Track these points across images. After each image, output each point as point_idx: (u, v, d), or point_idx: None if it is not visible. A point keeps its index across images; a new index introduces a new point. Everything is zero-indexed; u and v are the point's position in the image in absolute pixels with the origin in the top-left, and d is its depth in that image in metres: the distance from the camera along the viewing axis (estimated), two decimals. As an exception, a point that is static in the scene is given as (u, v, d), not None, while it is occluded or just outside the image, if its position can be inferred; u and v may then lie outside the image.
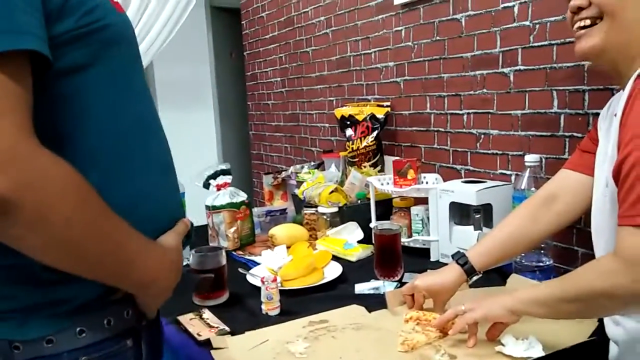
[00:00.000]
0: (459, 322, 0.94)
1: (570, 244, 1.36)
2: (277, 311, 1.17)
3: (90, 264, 0.62)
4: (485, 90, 1.59)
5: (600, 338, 0.94)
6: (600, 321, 0.98)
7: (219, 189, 1.68)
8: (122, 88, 0.71)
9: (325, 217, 1.70)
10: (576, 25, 0.90)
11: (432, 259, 1.48)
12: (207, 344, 1.03)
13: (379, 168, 1.93)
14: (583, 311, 0.86)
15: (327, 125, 2.51)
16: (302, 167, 2.10)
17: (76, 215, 0.58)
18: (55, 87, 0.63)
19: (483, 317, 0.92)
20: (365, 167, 1.91)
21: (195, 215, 1.74)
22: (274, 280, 1.18)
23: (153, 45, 2.71)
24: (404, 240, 1.48)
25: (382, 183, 1.64)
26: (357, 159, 1.95)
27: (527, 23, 1.44)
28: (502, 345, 0.93)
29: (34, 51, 0.56)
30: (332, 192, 1.73)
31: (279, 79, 2.90)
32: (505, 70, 1.52)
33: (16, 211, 0.53)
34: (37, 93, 0.58)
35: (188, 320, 1.12)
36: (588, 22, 0.87)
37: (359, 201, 1.75)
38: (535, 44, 1.42)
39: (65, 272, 0.61)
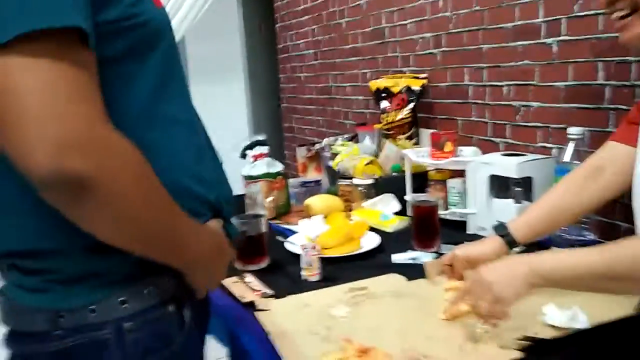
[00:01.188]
0: (494, 323, 0.87)
1: (612, 218, 1.34)
2: (317, 277, 1.19)
3: (147, 241, 0.65)
4: (527, 62, 1.56)
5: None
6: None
7: (255, 159, 1.70)
8: (155, 84, 0.70)
9: (360, 189, 1.70)
10: (614, 16, 0.87)
11: (469, 232, 1.48)
12: (251, 306, 1.06)
13: (414, 141, 1.92)
14: (627, 289, 0.83)
15: (360, 97, 2.50)
16: (336, 140, 2.10)
17: (146, 197, 0.62)
18: None
19: (511, 305, 0.85)
20: (400, 139, 1.91)
21: (232, 184, 1.77)
22: (314, 247, 1.20)
23: (185, 20, 2.73)
24: (441, 212, 1.48)
25: (419, 156, 1.64)
26: (392, 132, 1.94)
27: (573, -9, 1.40)
28: (544, 314, 0.93)
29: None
30: (367, 164, 1.74)
31: (311, 51, 2.89)
32: (548, 40, 1.48)
33: (92, 191, 0.56)
34: None
35: (231, 283, 1.16)
36: (626, 11, 0.85)
37: (394, 174, 1.75)
38: (580, 14, 1.39)
39: (107, 245, 0.63)
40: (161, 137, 0.71)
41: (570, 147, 1.26)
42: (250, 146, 1.71)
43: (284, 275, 1.24)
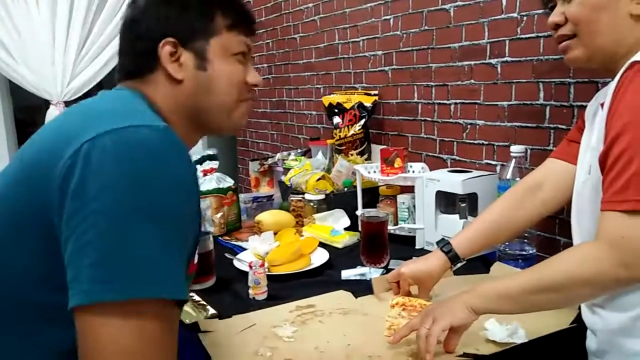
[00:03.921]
0: (431, 342, 0.85)
1: (552, 233, 1.39)
2: (264, 296, 1.18)
3: None
4: (472, 81, 1.60)
5: (581, 325, 0.97)
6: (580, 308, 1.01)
7: (205, 175, 1.67)
8: None
9: (312, 204, 1.70)
10: (558, 41, 0.92)
11: (417, 247, 1.50)
12: (195, 327, 1.04)
13: (365, 156, 1.94)
14: (556, 301, 0.86)
15: (313, 112, 2.50)
16: (289, 154, 2.10)
17: None
18: None
19: (448, 324, 0.87)
20: (352, 155, 1.92)
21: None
22: (262, 265, 1.18)
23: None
24: (390, 227, 1.49)
25: (369, 171, 1.66)
26: (344, 147, 1.95)
27: (515, 15, 1.45)
28: (486, 330, 0.95)
29: None
30: (319, 179, 1.74)
31: (265, 65, 2.89)
32: (493, 61, 1.53)
33: None
34: None
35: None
36: (568, 34, 0.90)
37: (346, 189, 1.76)
38: (523, 36, 1.44)
39: None
40: None
41: (511, 165, 1.30)
42: (200, 161, 1.68)
43: (231, 294, 1.22)
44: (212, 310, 1.09)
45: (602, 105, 0.90)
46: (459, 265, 1.12)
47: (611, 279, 0.78)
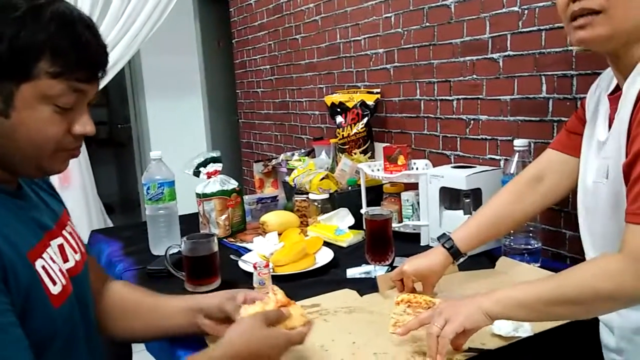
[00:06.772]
0: (443, 343, 0.84)
1: (558, 226, 1.38)
2: (269, 296, 1.17)
3: None
4: (474, 76, 1.60)
5: (590, 319, 0.96)
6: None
7: (209, 177, 1.67)
8: None
9: (316, 203, 1.70)
10: (577, 14, 0.83)
11: (422, 244, 1.50)
12: (200, 328, 1.03)
13: (369, 155, 1.94)
14: (575, 313, 0.84)
15: (317, 112, 2.50)
16: (293, 155, 2.10)
17: None
18: None
19: (461, 327, 0.84)
20: (355, 153, 1.92)
21: (186, 203, 1.75)
22: (266, 265, 1.18)
23: (139, 34, 2.69)
24: (395, 225, 1.49)
25: (373, 169, 1.65)
26: (347, 146, 1.95)
27: (516, 9, 1.44)
28: (491, 324, 0.94)
29: None
30: (322, 179, 1.74)
31: (268, 66, 2.89)
32: (495, 55, 1.52)
33: None
34: None
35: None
36: (595, 8, 0.81)
37: (350, 188, 1.75)
38: (524, 30, 1.43)
39: None
40: None
41: (515, 159, 1.29)
42: (204, 163, 1.68)
43: (236, 295, 1.22)
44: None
45: (610, 98, 0.89)
46: (461, 260, 1.11)
47: (633, 293, 0.75)
